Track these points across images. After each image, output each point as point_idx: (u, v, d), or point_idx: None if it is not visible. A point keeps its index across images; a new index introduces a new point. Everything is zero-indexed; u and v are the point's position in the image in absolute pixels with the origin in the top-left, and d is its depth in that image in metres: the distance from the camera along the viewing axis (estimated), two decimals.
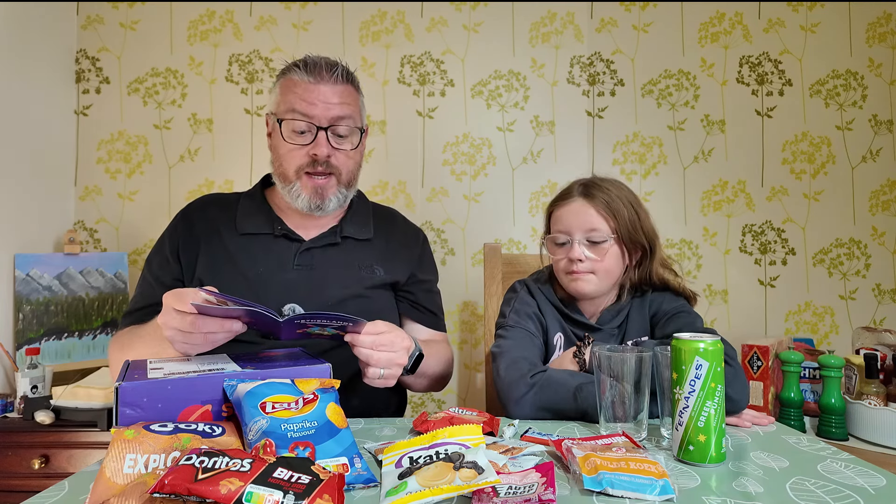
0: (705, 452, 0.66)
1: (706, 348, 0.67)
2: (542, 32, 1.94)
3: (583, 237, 1.00)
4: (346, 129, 1.01)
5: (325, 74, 0.99)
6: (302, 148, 0.99)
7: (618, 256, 1.01)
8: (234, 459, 0.51)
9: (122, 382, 0.63)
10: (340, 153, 1.01)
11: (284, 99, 1.00)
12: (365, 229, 1.12)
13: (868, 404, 1.19)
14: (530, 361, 0.95)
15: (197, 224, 1.06)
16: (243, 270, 1.01)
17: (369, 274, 1.07)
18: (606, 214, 0.99)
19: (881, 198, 1.90)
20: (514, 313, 1.06)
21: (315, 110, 0.97)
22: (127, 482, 0.52)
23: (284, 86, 1.01)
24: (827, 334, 1.89)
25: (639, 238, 1.01)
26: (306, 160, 0.99)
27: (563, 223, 1.02)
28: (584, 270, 1.01)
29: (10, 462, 1.34)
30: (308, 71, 0.99)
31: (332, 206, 1.03)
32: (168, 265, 1.04)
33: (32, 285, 1.62)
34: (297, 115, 0.98)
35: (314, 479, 0.51)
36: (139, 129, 1.89)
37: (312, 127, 0.98)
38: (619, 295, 1.07)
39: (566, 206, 1.03)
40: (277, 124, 1.00)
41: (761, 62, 1.92)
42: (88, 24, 1.89)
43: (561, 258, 1.03)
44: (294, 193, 1.01)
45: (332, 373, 0.74)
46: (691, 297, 1.06)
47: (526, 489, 0.56)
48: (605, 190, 1.01)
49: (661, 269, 1.04)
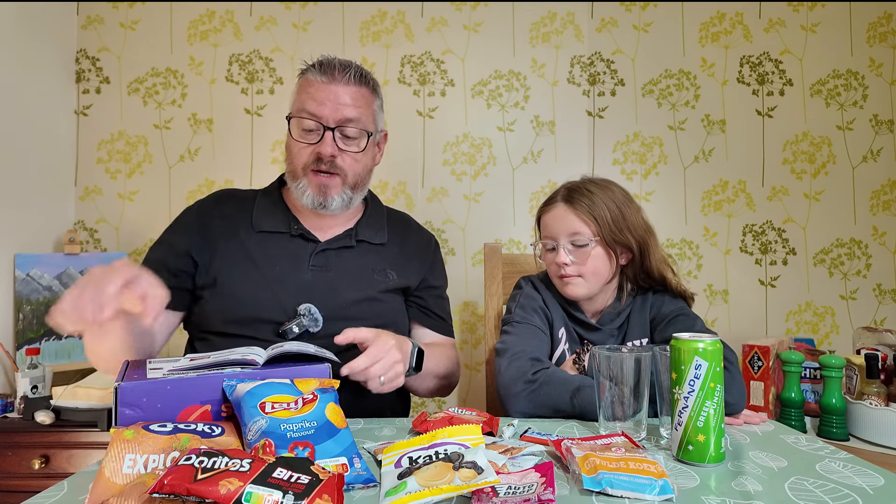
0: (704, 452, 0.66)
1: (705, 348, 0.67)
2: (543, 32, 1.93)
3: (567, 242, 1.02)
4: (354, 130, 1.00)
5: (337, 75, 0.99)
6: (309, 146, 1.00)
7: (603, 258, 1.02)
8: (233, 459, 0.51)
9: (121, 382, 0.63)
10: (347, 155, 1.01)
11: (298, 98, 1.02)
12: (380, 233, 1.12)
13: (869, 404, 1.18)
14: (533, 357, 0.96)
15: (213, 222, 1.05)
16: (262, 269, 1.01)
17: (382, 278, 1.08)
18: (587, 218, 1.01)
19: (882, 198, 1.90)
20: (519, 308, 1.07)
21: (324, 110, 0.98)
22: (126, 482, 0.52)
23: (300, 85, 1.03)
24: (828, 334, 1.89)
25: (624, 238, 1.01)
26: (312, 158, 1.00)
27: (549, 229, 1.05)
28: (572, 274, 1.02)
29: (10, 462, 1.34)
30: (322, 71, 0.99)
31: (336, 205, 1.02)
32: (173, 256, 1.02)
33: (33, 285, 1.62)
34: (306, 113, 0.99)
35: (314, 479, 0.51)
36: (139, 129, 1.89)
37: (320, 126, 0.98)
38: (620, 296, 1.08)
39: (550, 211, 1.05)
40: (288, 122, 1.02)
41: (762, 62, 1.92)
42: (88, 24, 1.89)
43: (551, 263, 1.06)
44: (301, 190, 1.02)
45: (331, 373, 0.74)
46: (689, 298, 1.07)
47: (525, 489, 0.56)
48: (587, 194, 1.02)
49: (661, 266, 1.04)
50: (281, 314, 0.98)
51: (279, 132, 1.91)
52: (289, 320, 0.97)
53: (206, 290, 1.00)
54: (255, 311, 0.97)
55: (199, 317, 1.02)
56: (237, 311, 0.98)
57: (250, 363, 0.72)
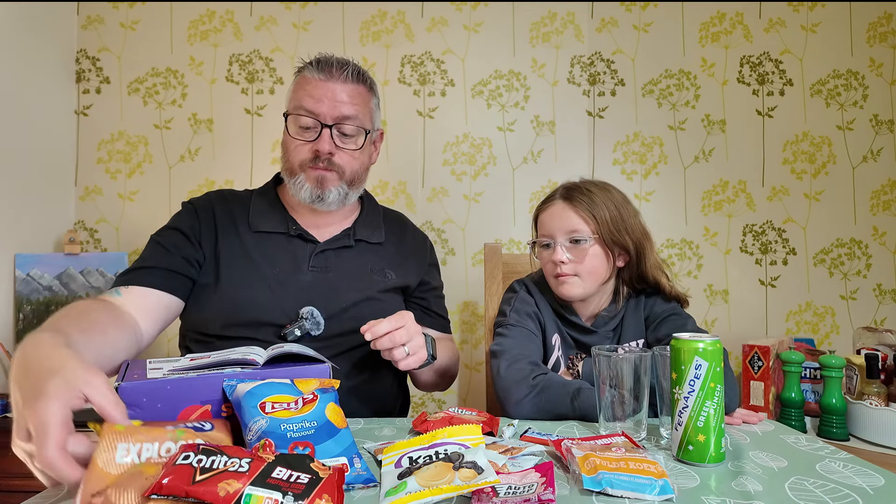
0: (704, 452, 0.66)
1: (705, 348, 0.67)
2: (543, 32, 1.93)
3: (564, 239, 1.02)
4: (351, 128, 1.01)
5: (335, 73, 0.99)
6: (307, 143, 1.00)
7: (601, 257, 1.02)
8: (232, 458, 0.51)
9: (121, 382, 0.63)
10: (344, 152, 1.01)
11: (295, 95, 1.01)
12: (377, 233, 1.12)
13: (869, 404, 1.18)
14: (531, 361, 0.95)
15: (212, 221, 1.04)
16: (262, 269, 1.00)
17: (381, 278, 1.08)
18: (587, 216, 1.00)
19: (882, 198, 1.90)
20: (514, 312, 1.06)
21: (321, 107, 0.98)
22: (121, 472, 0.50)
23: (297, 83, 1.02)
24: (828, 334, 1.89)
25: (622, 239, 1.01)
26: (310, 155, 1.00)
27: (547, 227, 1.04)
28: (568, 273, 1.01)
29: (11, 462, 1.34)
30: (319, 69, 0.99)
31: (333, 199, 1.02)
32: (188, 245, 1.00)
33: (33, 285, 1.62)
34: (304, 110, 0.99)
35: (313, 478, 0.51)
36: (139, 129, 1.89)
37: (318, 124, 0.98)
38: (615, 299, 1.08)
39: (548, 209, 1.05)
40: (285, 119, 1.01)
41: (762, 62, 1.92)
42: (88, 24, 1.89)
43: (547, 262, 1.05)
44: (298, 185, 1.01)
45: (331, 373, 0.74)
46: (683, 301, 1.06)
47: (525, 489, 0.56)
48: (586, 192, 1.02)
49: (656, 271, 1.04)
50: (282, 316, 0.97)
51: (279, 132, 1.89)
52: (290, 323, 0.96)
53: (207, 289, 0.99)
54: (256, 313, 0.96)
55: (198, 318, 0.99)
56: (238, 313, 0.96)
57: (250, 363, 0.72)
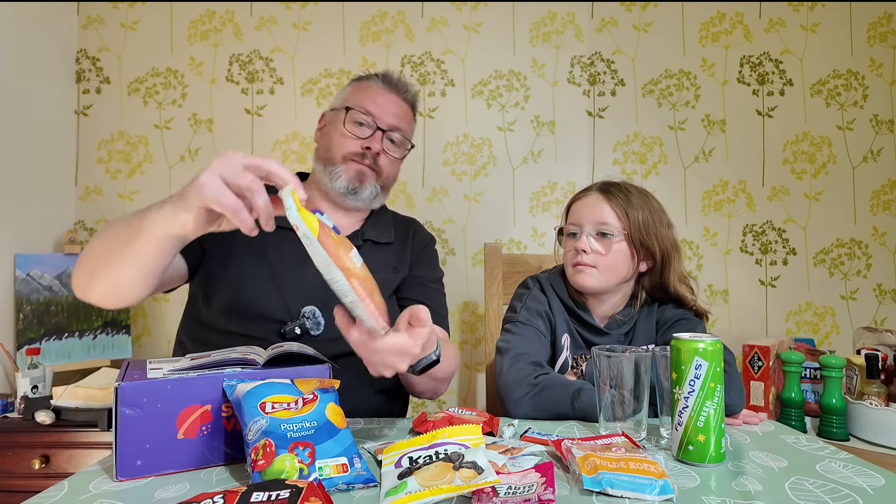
0: (705, 452, 0.66)
1: (705, 348, 0.67)
2: (543, 32, 1.93)
3: (592, 229, 1.02)
4: (399, 137, 1.10)
5: (398, 89, 1.11)
6: (357, 139, 1.06)
7: (625, 255, 1.01)
8: (202, 503, 0.49)
9: (121, 382, 0.63)
10: (388, 157, 1.10)
11: (356, 95, 1.10)
12: (386, 233, 1.15)
13: (869, 404, 1.18)
14: (535, 361, 0.95)
15: None
16: (270, 262, 1.01)
17: (389, 274, 1.10)
18: (620, 212, 1.01)
19: (882, 198, 1.90)
20: (525, 310, 1.06)
21: (381, 112, 1.08)
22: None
23: (359, 86, 1.12)
24: (828, 334, 1.89)
25: (650, 243, 1.01)
26: (358, 150, 1.06)
27: (577, 215, 1.05)
28: (588, 263, 1.01)
29: (11, 462, 1.34)
30: (385, 81, 1.11)
31: (366, 196, 1.08)
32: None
33: (33, 285, 1.62)
34: (365, 109, 1.07)
35: (294, 490, 0.50)
36: (139, 129, 1.89)
37: (373, 125, 1.07)
38: (632, 303, 1.07)
39: (583, 199, 1.06)
40: (343, 112, 1.07)
41: (762, 62, 1.92)
42: (88, 24, 1.89)
43: (569, 249, 1.05)
44: (335, 175, 1.06)
45: (331, 373, 0.74)
46: (703, 316, 1.05)
47: (525, 489, 0.56)
48: (624, 190, 1.03)
49: (678, 285, 1.03)
50: (283, 312, 0.98)
51: (279, 132, 1.91)
52: (291, 321, 0.97)
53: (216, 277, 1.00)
54: (258, 304, 0.98)
55: (203, 307, 1.01)
56: (240, 302, 0.98)
57: (250, 363, 0.72)
